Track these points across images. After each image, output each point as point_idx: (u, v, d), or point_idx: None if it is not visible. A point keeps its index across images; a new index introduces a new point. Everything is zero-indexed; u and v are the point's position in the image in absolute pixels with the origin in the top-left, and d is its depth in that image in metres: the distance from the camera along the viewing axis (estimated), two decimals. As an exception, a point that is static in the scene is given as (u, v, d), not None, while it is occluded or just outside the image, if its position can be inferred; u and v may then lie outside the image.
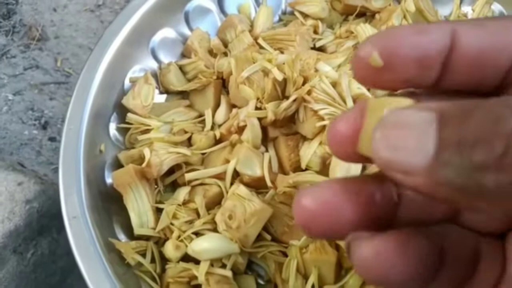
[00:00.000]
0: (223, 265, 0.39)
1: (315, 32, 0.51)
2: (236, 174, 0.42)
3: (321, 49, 0.50)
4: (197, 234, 0.41)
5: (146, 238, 0.42)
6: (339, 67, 0.45)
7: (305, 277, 0.40)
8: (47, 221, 0.46)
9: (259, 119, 0.43)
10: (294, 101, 0.42)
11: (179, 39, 0.52)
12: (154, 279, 0.40)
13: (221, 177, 0.42)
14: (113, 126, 0.46)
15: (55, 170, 0.54)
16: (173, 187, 0.45)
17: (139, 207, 0.41)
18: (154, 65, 0.50)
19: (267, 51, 0.48)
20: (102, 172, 0.44)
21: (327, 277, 0.39)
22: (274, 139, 0.44)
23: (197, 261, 0.39)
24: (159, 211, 0.42)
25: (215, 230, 0.40)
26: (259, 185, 0.42)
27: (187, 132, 0.46)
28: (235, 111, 0.45)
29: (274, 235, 0.41)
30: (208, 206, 0.42)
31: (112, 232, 0.41)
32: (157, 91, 0.49)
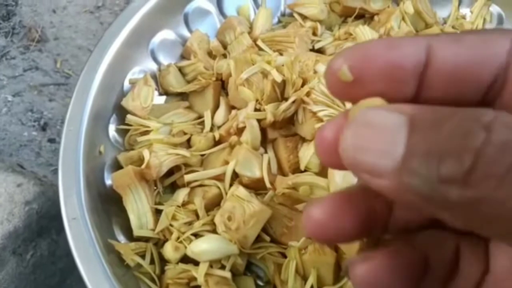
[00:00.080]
0: (222, 266, 0.40)
1: (314, 34, 0.51)
2: (235, 176, 0.42)
3: (320, 50, 0.51)
4: (196, 236, 0.41)
5: (146, 240, 0.42)
6: (338, 68, 0.45)
7: (304, 278, 0.40)
8: (46, 222, 0.46)
9: (258, 120, 0.43)
10: (293, 102, 0.42)
11: (178, 40, 0.52)
12: (153, 280, 0.40)
13: (220, 178, 0.42)
14: (112, 128, 0.46)
15: (54, 171, 0.54)
16: (173, 188, 0.45)
17: (138, 208, 0.41)
18: (153, 66, 0.50)
19: (266, 52, 0.48)
20: (101, 174, 0.44)
21: (326, 278, 0.39)
22: (273, 140, 0.44)
23: (196, 262, 0.39)
24: (158, 213, 0.42)
25: (214, 231, 0.40)
26: (258, 187, 0.42)
27: (186, 134, 0.46)
28: (234, 112, 0.45)
29: (273, 236, 0.41)
30: (207, 207, 0.42)
31: (111, 234, 0.41)
32: (156, 92, 0.49)
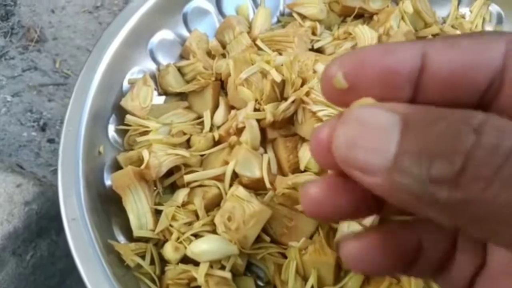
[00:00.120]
0: (223, 266, 0.40)
1: (313, 33, 0.51)
2: (235, 176, 0.42)
3: (320, 50, 0.51)
4: (196, 236, 0.41)
5: (145, 240, 0.42)
6: (338, 68, 0.45)
7: (305, 279, 0.40)
8: (46, 223, 0.46)
9: (258, 120, 0.43)
10: (293, 102, 0.42)
11: (177, 40, 0.52)
12: (153, 281, 0.40)
13: (220, 178, 0.42)
14: (112, 128, 0.46)
15: (54, 171, 0.54)
16: (172, 188, 0.45)
17: (138, 209, 0.41)
18: (152, 66, 0.50)
19: (266, 52, 0.48)
20: (101, 174, 0.44)
21: (326, 279, 0.39)
22: (273, 140, 0.44)
23: (197, 262, 0.39)
24: (158, 213, 0.42)
25: (214, 231, 0.40)
26: (258, 187, 0.42)
27: (185, 134, 0.46)
28: (233, 112, 0.45)
29: (273, 236, 0.41)
30: (207, 207, 0.42)
31: (111, 234, 0.41)
32: (155, 92, 0.49)
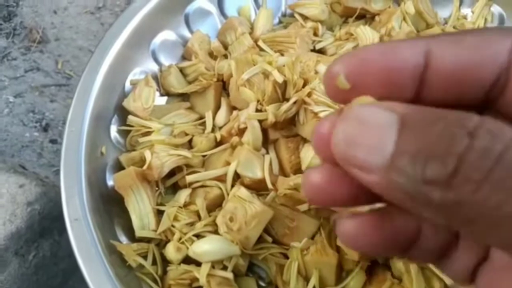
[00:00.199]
0: (224, 267, 0.40)
1: (315, 34, 0.51)
2: (237, 176, 0.42)
3: (321, 51, 0.51)
4: (198, 236, 0.41)
5: (148, 240, 0.42)
6: (339, 69, 0.45)
7: (306, 279, 0.40)
8: (48, 223, 0.46)
9: (260, 121, 0.43)
10: (295, 103, 0.42)
11: (179, 41, 0.52)
12: (155, 281, 0.40)
13: (222, 179, 0.42)
14: (114, 128, 0.46)
15: (56, 172, 0.54)
16: (174, 189, 0.45)
17: (140, 209, 0.41)
18: (154, 67, 0.50)
19: (267, 53, 0.48)
20: (103, 174, 0.44)
21: (328, 279, 0.39)
22: (275, 141, 0.44)
23: (198, 263, 0.39)
24: (160, 213, 0.42)
25: (216, 232, 0.40)
26: (259, 187, 0.42)
27: (187, 134, 0.46)
28: (235, 113, 0.45)
29: (275, 237, 0.41)
30: (209, 208, 0.42)
31: (113, 234, 0.41)
32: (157, 93, 0.49)
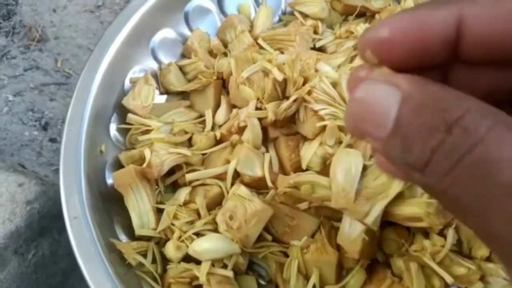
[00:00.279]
0: (224, 265, 0.40)
1: (315, 32, 0.51)
2: (237, 175, 0.42)
3: (321, 49, 0.51)
4: (198, 235, 0.41)
5: (147, 239, 0.42)
6: (339, 67, 0.45)
7: (306, 278, 0.40)
8: (48, 222, 0.46)
9: (260, 119, 0.43)
10: (295, 101, 0.42)
11: (179, 39, 0.52)
12: (155, 280, 0.40)
13: (221, 177, 0.42)
14: (113, 127, 0.46)
15: (55, 171, 0.54)
16: (174, 187, 0.45)
17: (140, 207, 0.41)
18: (154, 65, 0.50)
19: (267, 51, 0.48)
20: (102, 173, 0.44)
21: (328, 278, 0.39)
22: (275, 139, 0.44)
23: (198, 261, 0.39)
24: (160, 212, 0.42)
25: (216, 230, 0.40)
26: (259, 186, 0.42)
27: (187, 133, 0.46)
28: (235, 111, 0.45)
29: (275, 235, 0.41)
30: (209, 206, 0.42)
31: (113, 233, 0.41)
32: (157, 91, 0.49)
